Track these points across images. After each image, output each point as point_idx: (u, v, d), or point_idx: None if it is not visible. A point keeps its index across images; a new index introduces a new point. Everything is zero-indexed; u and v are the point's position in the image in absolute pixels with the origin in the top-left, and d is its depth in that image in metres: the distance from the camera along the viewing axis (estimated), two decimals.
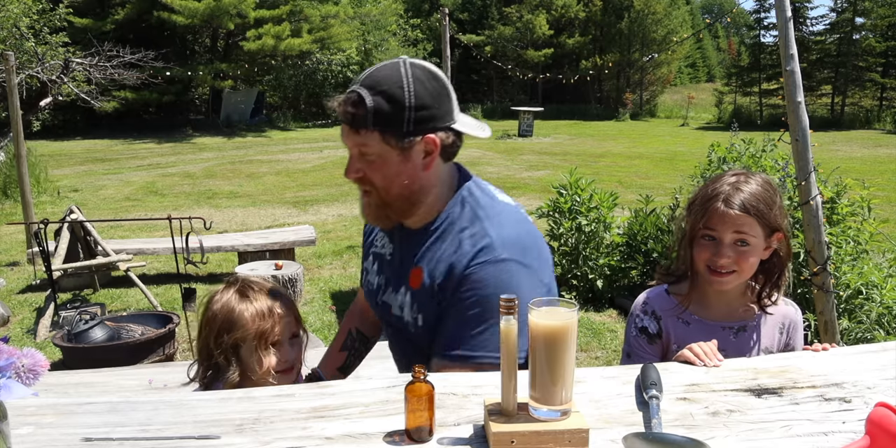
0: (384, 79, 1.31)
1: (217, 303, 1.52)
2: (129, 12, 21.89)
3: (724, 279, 1.55)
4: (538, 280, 1.37)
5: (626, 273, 5.25)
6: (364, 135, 1.32)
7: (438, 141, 1.35)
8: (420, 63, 1.36)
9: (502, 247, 1.34)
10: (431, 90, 1.33)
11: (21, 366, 0.93)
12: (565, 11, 31.12)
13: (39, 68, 11.24)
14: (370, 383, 1.24)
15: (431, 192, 1.41)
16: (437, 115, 1.34)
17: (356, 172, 1.37)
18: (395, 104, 1.30)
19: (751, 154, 5.47)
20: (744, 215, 1.51)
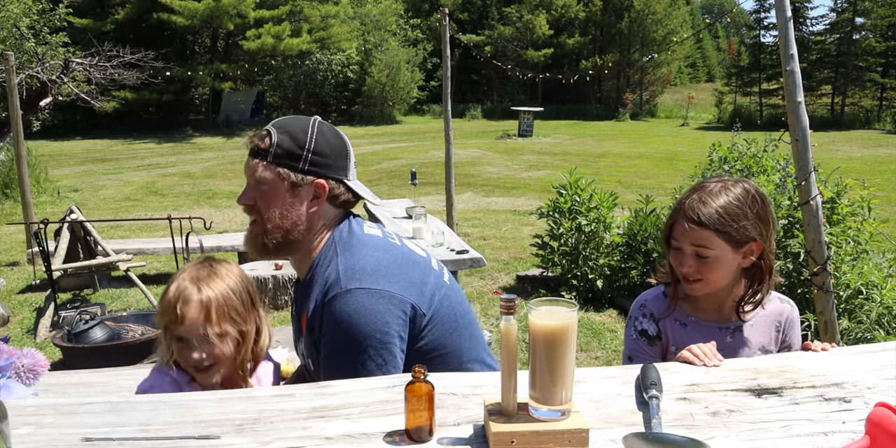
0: (293, 122, 1.47)
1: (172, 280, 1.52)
2: (129, 12, 21.90)
3: (693, 286, 1.58)
4: (391, 297, 1.38)
5: (626, 273, 5.25)
6: (263, 166, 1.43)
7: (328, 188, 1.46)
8: (330, 125, 1.52)
9: (346, 278, 1.38)
10: (332, 144, 1.48)
11: (21, 366, 0.93)
12: (565, 11, 31.12)
13: (39, 68, 11.24)
14: (370, 383, 1.24)
15: (313, 235, 1.48)
16: (331, 165, 1.46)
17: (248, 200, 1.46)
18: (295, 143, 1.43)
19: (752, 154, 5.47)
20: (699, 229, 1.52)
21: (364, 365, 1.35)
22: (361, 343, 1.35)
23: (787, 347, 1.64)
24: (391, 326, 1.37)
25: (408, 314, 1.40)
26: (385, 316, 1.37)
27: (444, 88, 6.66)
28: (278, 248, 1.47)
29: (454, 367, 1.47)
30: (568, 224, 5.29)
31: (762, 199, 1.57)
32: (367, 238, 1.49)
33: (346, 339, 1.36)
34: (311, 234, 1.48)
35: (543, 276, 5.70)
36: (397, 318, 1.38)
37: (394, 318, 1.38)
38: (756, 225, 1.54)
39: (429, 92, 28.98)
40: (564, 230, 5.31)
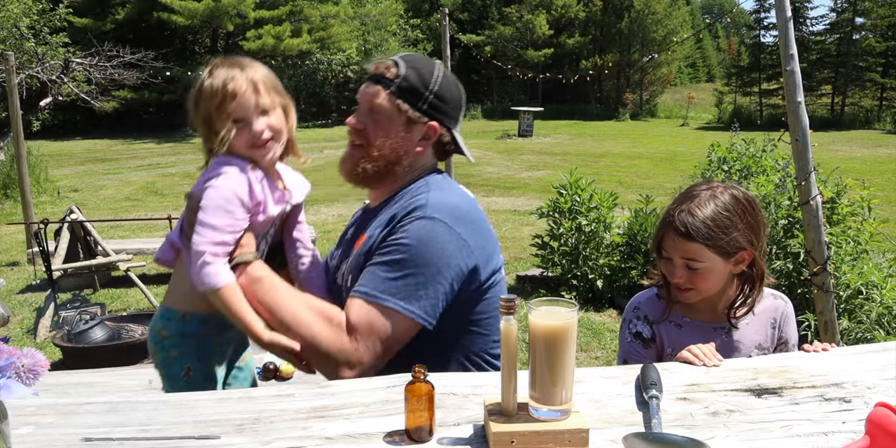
0: (421, 61, 1.47)
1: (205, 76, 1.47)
2: (129, 12, 21.91)
3: (684, 295, 1.58)
4: (465, 246, 1.37)
5: (626, 273, 5.25)
6: (384, 95, 1.43)
7: (439, 132, 1.46)
8: (452, 74, 1.52)
9: (434, 208, 1.37)
10: (453, 92, 1.48)
11: (21, 366, 0.93)
12: (565, 11, 31.12)
13: (39, 68, 11.24)
14: (370, 383, 1.24)
15: (409, 172, 1.48)
16: (446, 112, 1.46)
17: (359, 124, 1.46)
18: (421, 81, 1.43)
19: (751, 154, 5.47)
20: (689, 242, 1.51)
21: (407, 284, 1.33)
22: (420, 265, 1.33)
23: (784, 343, 1.65)
24: (451, 269, 1.35)
25: (467, 270, 1.37)
26: (451, 258, 1.35)
27: None
28: (373, 176, 1.46)
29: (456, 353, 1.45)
30: (568, 224, 5.29)
31: (752, 205, 1.56)
32: (460, 190, 1.50)
33: (406, 255, 1.33)
34: (407, 171, 1.48)
35: (543, 276, 5.69)
36: (458, 266, 1.36)
37: (456, 264, 1.36)
38: (746, 234, 1.53)
39: None
40: (564, 230, 5.31)
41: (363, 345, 1.32)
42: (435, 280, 1.33)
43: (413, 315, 1.32)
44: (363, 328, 1.32)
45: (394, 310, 1.32)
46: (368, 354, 1.32)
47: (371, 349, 1.32)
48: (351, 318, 1.34)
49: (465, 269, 1.37)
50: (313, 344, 1.33)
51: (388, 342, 1.33)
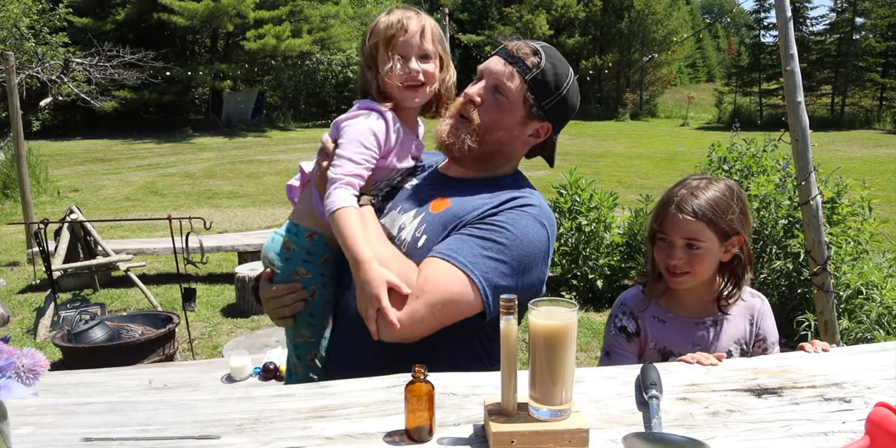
0: (560, 60, 1.43)
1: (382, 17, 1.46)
2: (129, 12, 21.91)
3: (679, 279, 1.61)
4: (546, 260, 1.38)
5: (626, 273, 5.25)
6: (517, 80, 1.38)
7: (549, 132, 1.45)
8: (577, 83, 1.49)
9: (544, 215, 1.38)
10: (573, 101, 1.46)
11: (21, 366, 0.93)
12: (565, 11, 31.14)
13: (39, 68, 11.24)
14: (370, 383, 1.24)
15: (504, 162, 1.47)
16: (561, 118, 1.45)
17: (479, 96, 1.41)
18: (556, 81, 1.40)
19: (751, 154, 5.47)
20: (693, 221, 1.56)
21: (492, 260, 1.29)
22: (514, 258, 1.30)
23: (763, 340, 1.69)
24: (529, 275, 1.33)
25: (536, 281, 1.36)
26: (535, 267, 1.33)
27: None
28: (469, 156, 1.42)
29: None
30: (568, 224, 5.29)
31: (742, 196, 1.65)
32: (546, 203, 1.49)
33: (509, 243, 1.30)
34: (501, 161, 1.47)
35: None
36: (535, 276, 1.34)
37: (535, 273, 1.34)
38: (740, 219, 1.61)
39: None
40: (564, 230, 5.31)
41: (424, 300, 1.26)
42: (519, 278, 1.32)
43: (485, 297, 1.28)
44: (435, 284, 1.26)
45: (475, 282, 1.27)
46: (425, 308, 1.26)
47: (429, 305, 1.26)
48: (424, 272, 1.29)
49: (537, 281, 1.37)
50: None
51: (451, 309, 1.27)
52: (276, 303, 1.45)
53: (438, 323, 1.28)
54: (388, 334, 1.25)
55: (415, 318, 1.25)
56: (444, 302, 1.26)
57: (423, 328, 1.27)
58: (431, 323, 1.27)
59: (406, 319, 1.25)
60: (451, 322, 1.29)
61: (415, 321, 1.25)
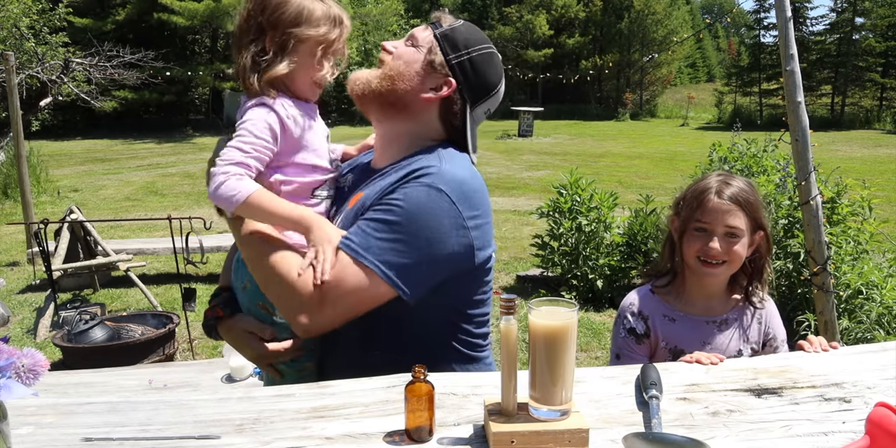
0: (480, 33, 1.47)
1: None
2: (129, 12, 21.92)
3: (716, 270, 1.61)
4: (462, 225, 1.30)
5: (626, 273, 5.25)
6: (428, 31, 1.45)
7: (453, 90, 1.42)
8: (502, 67, 1.50)
9: (442, 180, 1.30)
10: (488, 72, 1.44)
11: (21, 366, 0.93)
12: (565, 11, 31.14)
13: (39, 68, 11.25)
14: (370, 383, 1.24)
15: (410, 119, 1.44)
16: (471, 83, 1.43)
17: (394, 47, 1.46)
18: (467, 41, 1.42)
19: (752, 154, 5.48)
20: (734, 207, 1.59)
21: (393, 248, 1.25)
22: (411, 233, 1.26)
23: (773, 338, 1.69)
24: (442, 246, 1.27)
25: (459, 249, 1.30)
26: (445, 235, 1.27)
27: None
28: (375, 97, 1.42)
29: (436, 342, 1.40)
30: (568, 224, 5.29)
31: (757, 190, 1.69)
32: (472, 166, 1.42)
33: (401, 218, 1.26)
34: (411, 118, 1.43)
35: (543, 276, 5.70)
36: (451, 245, 1.29)
37: (450, 241, 1.28)
38: (763, 213, 1.64)
39: None
40: (564, 230, 5.31)
41: (329, 296, 1.25)
42: (420, 252, 1.26)
43: (389, 281, 1.25)
44: (334, 279, 1.25)
45: (371, 269, 1.24)
46: (328, 307, 1.25)
47: (331, 303, 1.25)
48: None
49: (458, 249, 1.29)
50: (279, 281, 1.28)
51: (353, 301, 1.26)
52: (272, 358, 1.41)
53: (352, 312, 1.27)
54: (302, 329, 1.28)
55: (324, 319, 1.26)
56: (346, 292, 1.25)
57: (332, 317, 1.27)
58: (343, 313, 1.27)
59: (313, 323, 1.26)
60: (367, 309, 1.28)
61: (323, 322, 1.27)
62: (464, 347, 1.42)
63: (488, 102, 1.47)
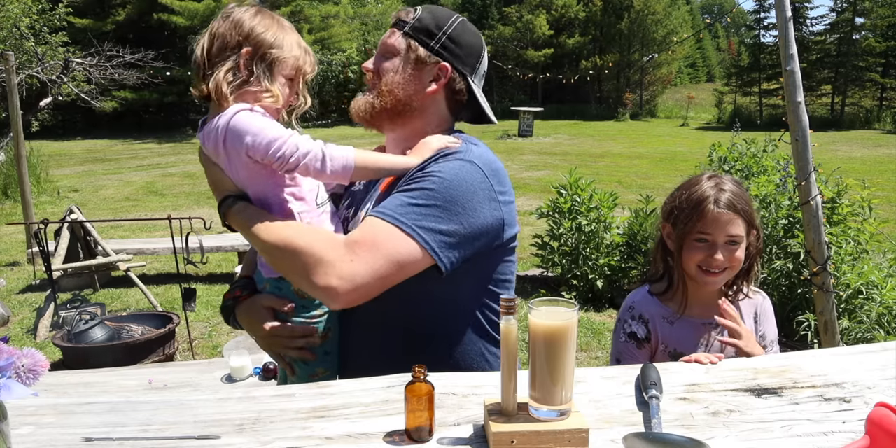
0: (441, 9, 1.48)
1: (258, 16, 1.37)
2: (129, 13, 21.93)
3: (718, 278, 1.61)
4: (495, 199, 1.32)
5: (626, 273, 5.25)
6: (397, 36, 1.44)
7: (449, 73, 1.44)
8: (475, 28, 1.51)
9: (474, 155, 1.34)
10: (469, 40, 1.46)
11: (21, 366, 0.93)
12: (565, 11, 31.13)
13: (39, 68, 11.25)
14: (370, 383, 1.24)
15: (422, 117, 1.46)
16: (460, 57, 1.45)
17: (372, 65, 1.47)
18: (435, 22, 1.44)
19: (751, 154, 5.48)
20: (734, 215, 1.58)
21: (430, 213, 1.24)
22: (448, 201, 1.25)
23: (762, 337, 1.70)
24: (477, 216, 1.27)
25: (493, 221, 1.31)
26: (480, 205, 1.28)
27: None
28: (381, 113, 1.43)
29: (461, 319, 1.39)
30: (568, 224, 5.29)
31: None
32: (494, 155, 1.43)
33: (437, 186, 1.26)
34: (420, 114, 1.45)
35: (543, 276, 5.70)
36: (485, 216, 1.29)
37: (483, 213, 1.29)
38: (753, 209, 1.64)
39: None
40: (564, 230, 5.31)
41: (362, 257, 1.19)
42: (458, 220, 1.26)
43: (427, 246, 1.22)
44: (366, 242, 1.21)
45: (408, 233, 1.21)
46: (365, 268, 1.19)
47: (370, 264, 1.19)
48: (355, 233, 1.24)
49: (491, 221, 1.30)
50: (301, 251, 1.21)
51: (391, 265, 1.20)
52: (283, 342, 1.40)
53: (389, 278, 1.22)
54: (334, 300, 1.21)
55: (356, 280, 1.19)
56: (383, 256, 1.20)
57: (370, 280, 1.20)
58: (381, 277, 1.21)
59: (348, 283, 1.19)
60: (403, 277, 1.23)
61: (357, 284, 1.19)
62: (493, 329, 1.42)
63: (481, 65, 1.50)
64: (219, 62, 1.35)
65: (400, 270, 1.22)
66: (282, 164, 1.27)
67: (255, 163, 1.30)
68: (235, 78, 1.33)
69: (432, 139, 1.39)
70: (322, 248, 1.21)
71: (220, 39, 1.36)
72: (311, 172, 1.29)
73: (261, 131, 1.26)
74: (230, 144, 1.29)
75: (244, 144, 1.27)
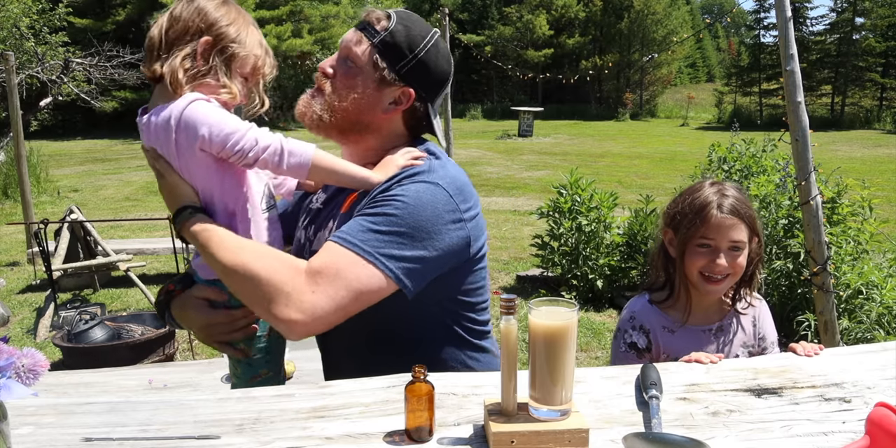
0: (417, 22, 1.37)
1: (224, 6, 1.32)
2: (129, 13, 21.95)
3: (720, 286, 1.60)
4: (461, 218, 1.29)
5: (626, 273, 5.25)
6: (364, 46, 1.34)
7: (412, 99, 1.36)
8: (447, 47, 1.42)
9: (437, 175, 1.29)
10: (440, 66, 1.38)
11: (21, 366, 0.93)
12: (565, 11, 31.15)
13: (39, 68, 11.25)
14: (370, 383, 1.24)
15: (376, 136, 1.40)
16: (427, 84, 1.37)
17: (330, 68, 1.38)
18: (408, 42, 1.33)
19: (751, 154, 5.48)
20: (737, 220, 1.57)
21: (393, 240, 1.21)
22: (412, 226, 1.22)
23: (762, 339, 1.69)
24: (443, 239, 1.25)
25: (459, 241, 1.28)
26: (445, 227, 1.25)
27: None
28: (329, 127, 1.37)
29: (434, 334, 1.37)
30: (568, 224, 5.29)
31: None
32: (458, 168, 1.39)
33: (400, 212, 1.23)
34: (373, 134, 1.39)
35: (543, 276, 5.70)
36: (451, 237, 1.26)
37: (449, 234, 1.26)
38: (756, 217, 1.64)
39: None
40: (564, 230, 5.31)
41: (323, 288, 1.16)
42: (423, 245, 1.23)
43: (391, 274, 1.19)
44: (328, 271, 1.17)
45: (371, 262, 1.19)
46: (326, 301, 1.16)
47: (331, 296, 1.16)
48: (315, 261, 1.19)
49: (457, 242, 1.28)
50: (260, 280, 1.16)
51: (353, 296, 1.18)
52: (223, 329, 1.34)
53: (351, 308, 1.19)
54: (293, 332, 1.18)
55: (316, 313, 1.16)
56: (345, 286, 1.18)
57: (332, 311, 1.17)
58: (343, 308, 1.18)
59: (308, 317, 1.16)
60: (366, 305, 1.21)
61: (317, 317, 1.16)
62: (470, 335, 1.41)
63: (445, 90, 1.44)
64: (176, 46, 1.28)
65: (362, 300, 1.20)
66: (240, 158, 1.22)
67: (207, 156, 1.23)
68: (192, 66, 1.27)
69: (397, 157, 1.33)
70: (282, 278, 1.17)
71: (181, 23, 1.29)
72: (269, 166, 1.26)
73: (218, 123, 1.21)
74: (183, 136, 1.22)
75: (199, 136, 1.20)
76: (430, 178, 1.28)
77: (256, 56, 1.34)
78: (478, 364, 1.41)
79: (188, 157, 1.25)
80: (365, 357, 1.39)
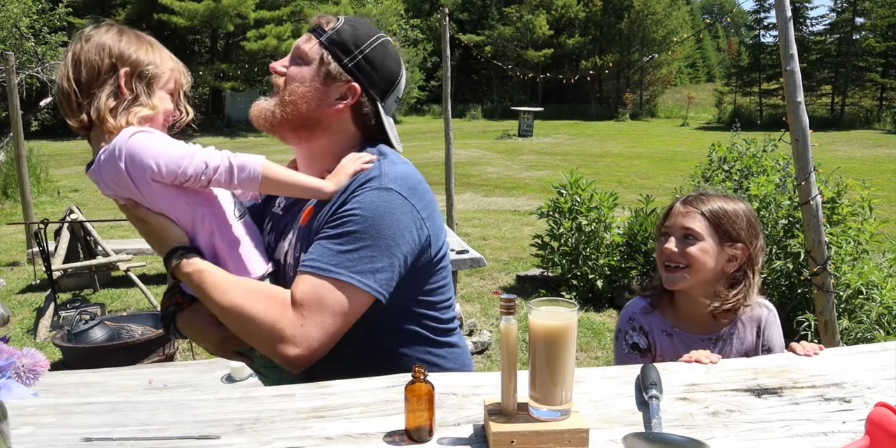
0: (363, 24, 1.44)
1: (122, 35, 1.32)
2: (129, 13, 21.95)
3: (676, 275, 1.62)
4: (419, 218, 1.33)
5: (626, 273, 5.25)
6: (312, 43, 1.40)
7: (358, 94, 1.40)
8: (396, 51, 1.47)
9: (389, 178, 1.32)
10: (387, 64, 1.42)
11: (21, 366, 0.93)
12: (565, 11, 31.16)
13: (39, 68, 11.25)
14: (370, 383, 1.24)
15: (327, 134, 1.42)
16: (373, 80, 1.41)
17: (283, 67, 1.43)
18: (354, 39, 1.39)
19: (751, 154, 5.48)
20: (694, 210, 1.62)
21: (362, 256, 1.26)
22: (375, 237, 1.26)
23: (768, 349, 1.68)
24: (406, 242, 1.30)
25: (421, 241, 1.33)
26: (406, 230, 1.30)
27: (444, 88, 6.67)
28: (281, 123, 1.39)
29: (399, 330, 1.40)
30: (568, 224, 5.29)
31: (754, 215, 1.68)
32: (407, 160, 1.43)
33: (361, 226, 1.27)
34: (328, 133, 1.42)
35: (543, 276, 5.70)
36: (413, 239, 1.31)
37: (411, 236, 1.30)
38: (747, 231, 1.63)
39: (429, 92, 28.99)
40: (564, 230, 5.31)
41: (312, 321, 1.23)
42: (390, 252, 1.28)
43: (369, 289, 1.25)
44: (311, 303, 1.23)
45: (348, 283, 1.24)
46: (317, 331, 1.23)
47: (320, 326, 1.23)
48: (297, 294, 1.25)
49: (420, 241, 1.33)
50: (253, 320, 1.23)
51: (340, 319, 1.25)
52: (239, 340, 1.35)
53: (342, 329, 1.26)
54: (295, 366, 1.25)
55: (312, 345, 1.23)
56: (332, 313, 1.24)
57: (325, 340, 1.24)
58: (335, 333, 1.25)
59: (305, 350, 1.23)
60: (353, 322, 1.27)
61: (313, 349, 1.23)
62: (433, 334, 1.43)
63: (395, 91, 1.46)
64: (95, 88, 1.28)
65: (350, 320, 1.27)
66: (194, 182, 1.24)
67: (163, 186, 1.25)
68: (119, 101, 1.28)
69: (348, 163, 1.36)
70: (272, 316, 1.23)
71: (88, 65, 1.28)
72: (222, 185, 1.28)
73: (164, 153, 1.22)
74: (133, 170, 1.22)
75: (148, 168, 1.21)
76: (382, 184, 1.31)
77: (171, 70, 1.37)
78: (445, 361, 1.44)
79: (146, 189, 1.26)
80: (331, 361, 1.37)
